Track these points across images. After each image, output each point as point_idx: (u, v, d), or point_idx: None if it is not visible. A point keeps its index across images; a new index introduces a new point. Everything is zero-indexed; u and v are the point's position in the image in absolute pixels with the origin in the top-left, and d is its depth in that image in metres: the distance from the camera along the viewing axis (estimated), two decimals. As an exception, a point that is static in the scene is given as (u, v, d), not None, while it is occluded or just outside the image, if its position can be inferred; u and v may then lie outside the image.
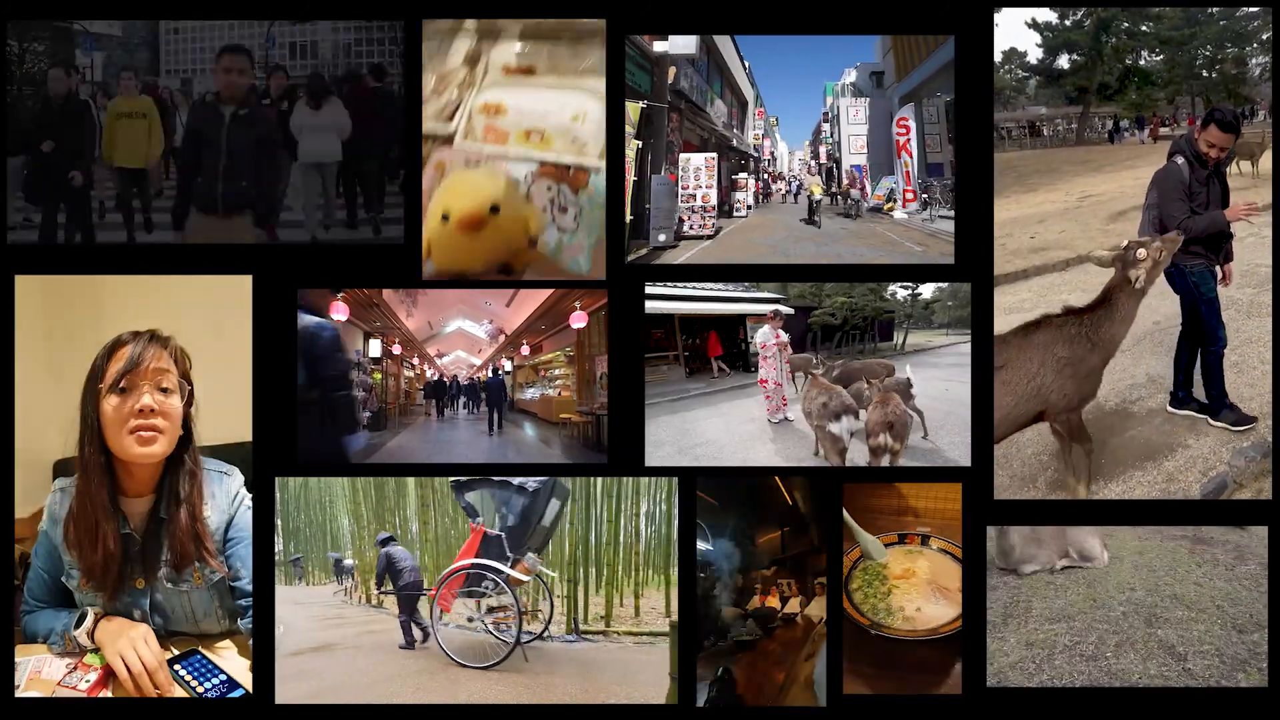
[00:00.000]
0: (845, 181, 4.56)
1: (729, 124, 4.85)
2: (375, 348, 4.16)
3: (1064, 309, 3.63)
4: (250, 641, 2.82)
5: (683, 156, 4.19)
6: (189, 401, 2.80)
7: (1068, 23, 4.04)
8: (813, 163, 4.67)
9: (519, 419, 4.50)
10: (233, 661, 2.79)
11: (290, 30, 4.00)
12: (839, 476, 3.44)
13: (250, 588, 2.85)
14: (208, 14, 3.58)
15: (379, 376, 4.24)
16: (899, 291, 4.25)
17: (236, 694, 2.65)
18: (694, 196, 4.17)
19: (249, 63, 3.69)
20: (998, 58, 3.69)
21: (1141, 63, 4.14)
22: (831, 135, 4.67)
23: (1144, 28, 4.08)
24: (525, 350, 4.56)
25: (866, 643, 3.00)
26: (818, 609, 3.34)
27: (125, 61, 4.03)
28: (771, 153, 4.92)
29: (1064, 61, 4.14)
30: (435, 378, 4.56)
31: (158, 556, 2.77)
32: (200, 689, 2.64)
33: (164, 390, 2.71)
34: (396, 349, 4.32)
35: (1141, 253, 3.53)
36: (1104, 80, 4.20)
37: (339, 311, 3.53)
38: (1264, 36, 3.82)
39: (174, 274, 3.37)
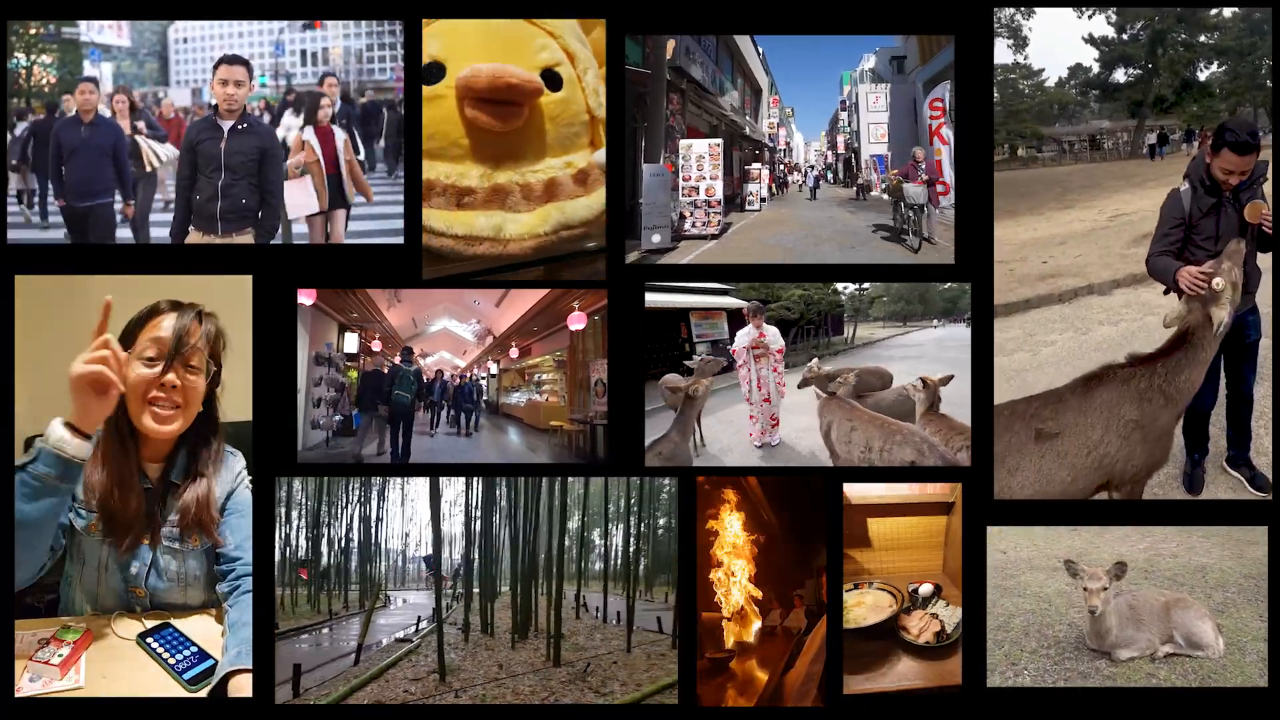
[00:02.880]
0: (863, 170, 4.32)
1: (741, 111, 4.55)
2: (351, 342, 4.01)
3: (1129, 358, 3.35)
4: (227, 605, 2.83)
5: (683, 143, 3.89)
6: (214, 382, 2.86)
7: (1124, 37, 3.95)
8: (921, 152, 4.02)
9: (502, 423, 4.31)
10: (206, 630, 2.81)
11: (300, 37, 4.02)
12: (838, 476, 3.41)
13: (235, 554, 2.90)
14: (205, 14, 3.57)
15: (354, 375, 4.06)
16: (849, 286, 4.04)
17: (206, 664, 2.66)
18: (696, 189, 3.89)
19: (247, 73, 3.66)
20: (1063, 73, 3.66)
21: (1201, 75, 4.04)
22: (850, 124, 4.44)
23: (1202, 39, 3.98)
24: (514, 353, 4.33)
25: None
26: (796, 621, 3.46)
27: (135, 73, 4.05)
28: (787, 142, 4.64)
29: (1120, 76, 4.05)
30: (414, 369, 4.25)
31: (163, 517, 2.84)
32: (172, 660, 2.65)
33: (190, 368, 2.75)
34: (376, 345, 4.12)
35: (1218, 283, 3.23)
36: (1160, 93, 4.09)
37: (305, 295, 3.43)
38: None
39: (173, 274, 3.37)
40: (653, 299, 3.37)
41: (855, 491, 3.39)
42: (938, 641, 3.14)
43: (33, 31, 3.59)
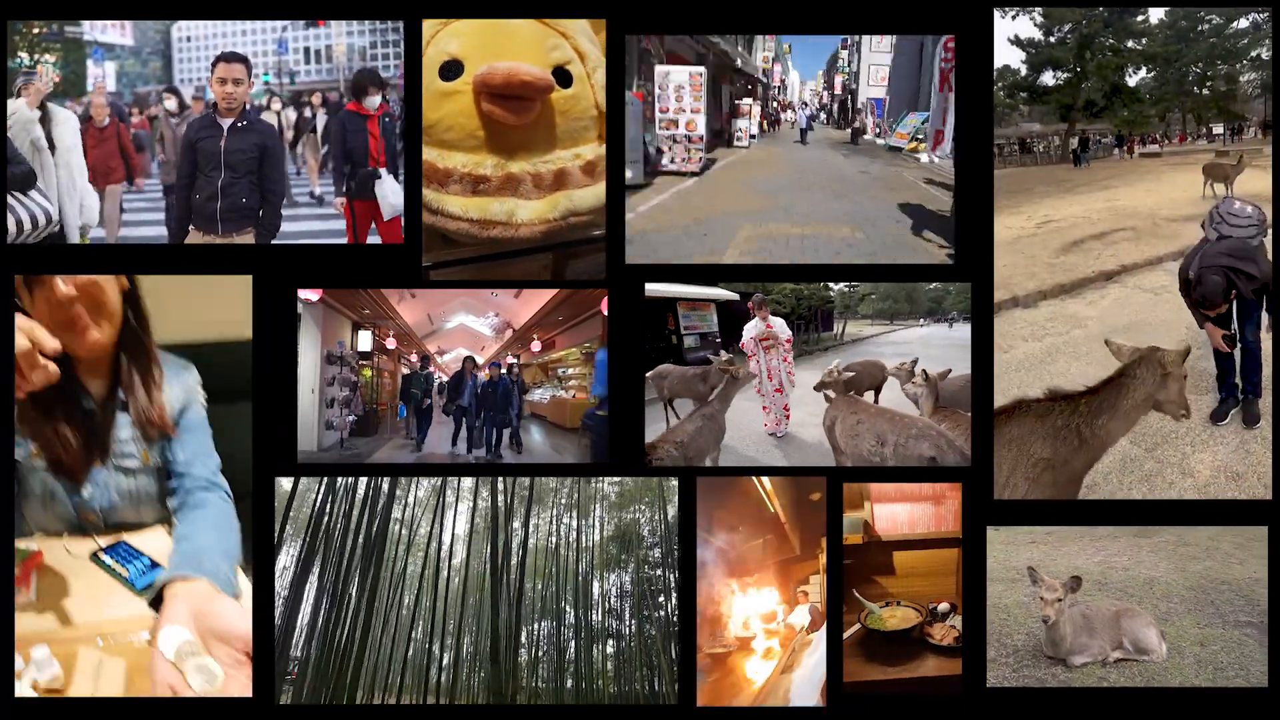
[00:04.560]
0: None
1: (733, 42, 4.19)
2: (365, 340, 3.97)
3: (1047, 392, 3.34)
4: (176, 519, 2.80)
5: (659, 70, 3.71)
6: (129, 287, 2.84)
7: (1051, 40, 3.90)
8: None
9: (525, 422, 4.02)
10: (157, 543, 2.79)
11: (303, 35, 4.02)
12: (839, 476, 3.43)
13: (183, 469, 2.85)
14: (207, 14, 3.56)
15: (369, 373, 4.02)
16: (840, 283, 3.92)
17: (156, 573, 2.60)
18: (675, 122, 3.75)
19: (246, 71, 3.64)
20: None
21: (1130, 80, 4.02)
22: (849, 64, 4.22)
23: (1129, 44, 3.96)
24: (535, 346, 4.20)
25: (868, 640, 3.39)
26: (800, 617, 3.52)
27: (138, 71, 4.05)
28: (782, 80, 4.40)
29: (1049, 79, 4.00)
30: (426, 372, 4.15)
31: (111, 435, 2.79)
32: (124, 573, 2.64)
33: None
34: (391, 343, 4.10)
35: (1175, 353, 3.26)
36: (1090, 98, 4.07)
37: (309, 291, 3.43)
38: (1253, 54, 3.75)
39: (173, 274, 3.37)
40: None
41: (883, 528, 3.52)
42: (956, 644, 3.31)
43: (36, 31, 3.59)
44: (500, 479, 3.82)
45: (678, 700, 3.28)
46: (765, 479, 3.51)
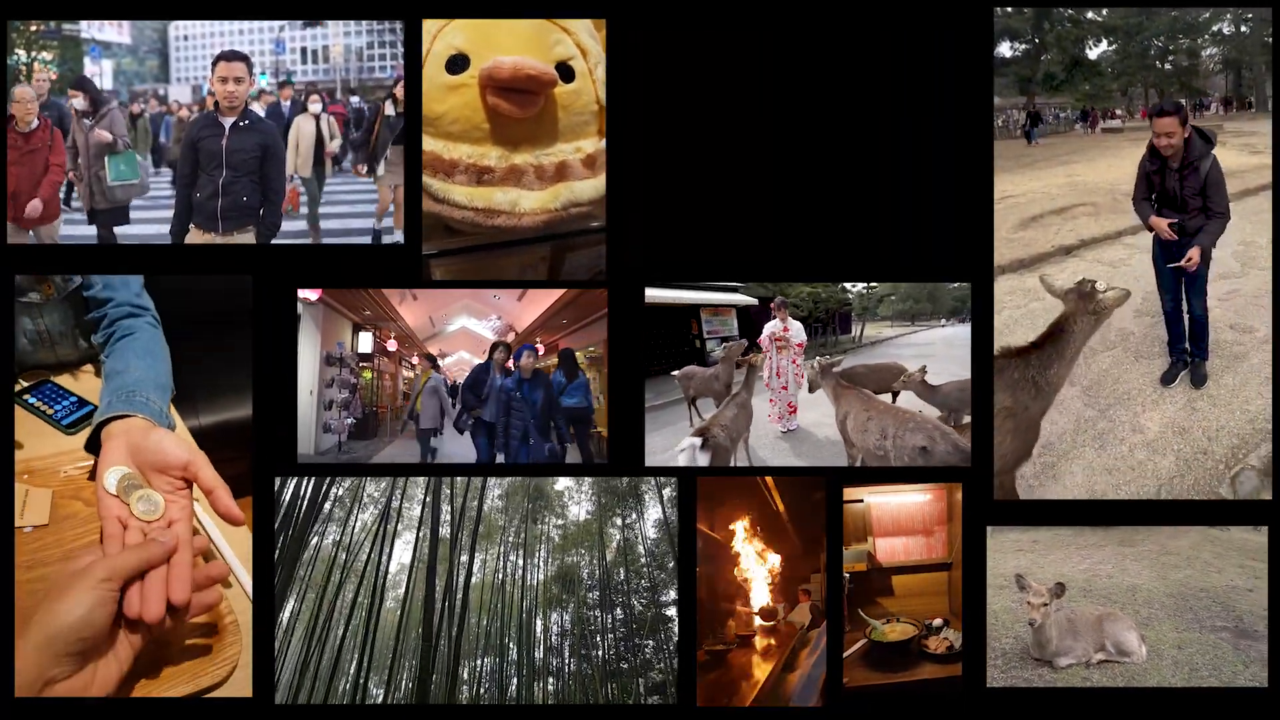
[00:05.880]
0: None
1: None
2: (365, 341, 3.96)
3: (1001, 350, 3.49)
4: (104, 356, 2.79)
5: None
6: None
7: (1009, 9, 3.85)
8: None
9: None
10: (88, 385, 2.81)
11: (300, 35, 4.02)
12: (839, 477, 3.41)
13: (103, 295, 2.87)
14: (205, 14, 3.56)
15: (369, 375, 4.02)
16: (857, 284, 4.01)
17: (85, 410, 2.64)
18: None
19: (247, 70, 3.63)
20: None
21: (1091, 53, 4.00)
22: None
23: (1090, 15, 3.94)
24: (540, 350, 4.05)
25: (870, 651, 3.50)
26: (800, 615, 3.64)
27: (135, 70, 4.04)
28: None
29: (1006, 50, 3.97)
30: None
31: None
32: (50, 411, 2.65)
33: None
34: (392, 344, 4.09)
35: (1110, 296, 3.49)
36: (1050, 71, 4.06)
37: (310, 290, 3.46)
38: (1214, 28, 3.76)
39: (173, 274, 3.37)
40: (663, 295, 3.45)
41: (883, 557, 3.70)
42: (949, 652, 3.42)
43: (33, 29, 3.58)
44: (446, 510, 3.83)
45: (676, 700, 3.29)
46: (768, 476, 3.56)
